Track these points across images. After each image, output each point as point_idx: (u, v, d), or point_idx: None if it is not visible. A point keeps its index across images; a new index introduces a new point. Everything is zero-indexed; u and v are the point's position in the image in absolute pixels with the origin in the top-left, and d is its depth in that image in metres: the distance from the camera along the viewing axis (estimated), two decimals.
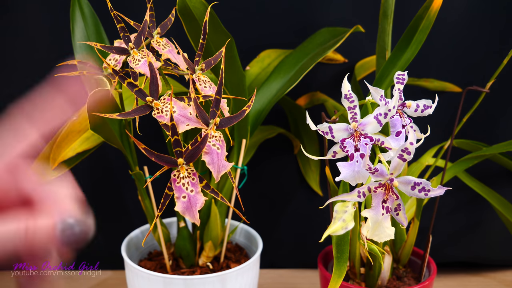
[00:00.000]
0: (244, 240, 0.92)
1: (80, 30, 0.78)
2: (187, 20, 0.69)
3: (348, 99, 0.59)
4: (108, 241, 1.05)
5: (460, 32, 0.93)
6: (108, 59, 0.69)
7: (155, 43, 0.68)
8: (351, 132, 0.60)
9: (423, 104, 0.63)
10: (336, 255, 0.64)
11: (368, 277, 0.78)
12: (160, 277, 0.75)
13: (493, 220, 1.00)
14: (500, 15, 0.92)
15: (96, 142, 0.76)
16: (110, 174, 1.02)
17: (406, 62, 0.73)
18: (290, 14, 0.94)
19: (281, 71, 0.85)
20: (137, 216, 1.01)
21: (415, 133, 0.58)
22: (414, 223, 0.80)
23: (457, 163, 0.86)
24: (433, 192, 0.56)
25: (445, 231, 1.03)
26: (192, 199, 0.59)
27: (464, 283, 1.02)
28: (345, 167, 0.59)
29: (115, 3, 0.73)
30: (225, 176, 0.84)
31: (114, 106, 0.67)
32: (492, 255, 1.04)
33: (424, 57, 0.91)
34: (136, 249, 0.88)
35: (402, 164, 0.55)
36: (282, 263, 1.08)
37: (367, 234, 0.58)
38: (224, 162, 0.60)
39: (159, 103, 0.61)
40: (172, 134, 0.58)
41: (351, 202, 0.57)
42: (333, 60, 0.96)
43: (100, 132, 0.66)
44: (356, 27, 0.86)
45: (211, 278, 0.75)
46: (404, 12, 0.89)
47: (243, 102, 0.77)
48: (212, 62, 0.67)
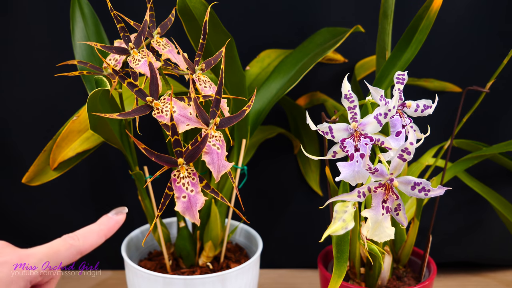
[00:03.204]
0: (244, 240, 0.92)
1: (80, 30, 0.78)
2: (187, 20, 0.69)
3: (348, 99, 0.59)
4: (108, 241, 1.04)
5: (460, 32, 0.93)
6: (108, 59, 0.69)
7: (155, 43, 0.68)
8: (351, 132, 0.60)
9: (423, 104, 0.63)
10: (336, 255, 0.64)
11: (368, 277, 0.78)
12: (160, 277, 0.75)
13: (493, 220, 1.00)
14: (500, 15, 0.92)
15: (96, 142, 0.76)
16: (110, 174, 1.02)
17: (406, 62, 0.73)
18: (290, 14, 0.94)
19: (281, 71, 0.85)
20: (137, 216, 1.01)
21: (415, 133, 0.58)
22: (414, 223, 0.80)
23: (457, 163, 0.86)
24: (433, 192, 0.56)
25: (445, 231, 1.03)
26: (192, 199, 0.59)
27: (464, 283, 1.02)
28: (345, 167, 0.59)
29: (115, 3, 0.73)
30: (225, 176, 0.84)
31: (114, 106, 0.67)
32: (492, 255, 1.04)
33: (424, 57, 0.91)
34: (136, 249, 0.88)
35: (402, 164, 0.55)
36: (282, 263, 1.08)
37: (367, 234, 0.58)
38: (224, 162, 0.60)
39: (159, 103, 0.61)
40: (172, 134, 0.58)
41: (351, 202, 0.57)
42: (333, 60, 0.96)
43: (100, 132, 0.66)
44: (356, 27, 0.86)
45: (211, 278, 0.75)
46: (404, 12, 0.89)
47: (243, 102, 0.77)
48: (212, 62, 0.67)
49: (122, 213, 0.57)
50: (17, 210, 1.01)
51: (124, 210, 0.58)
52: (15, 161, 0.98)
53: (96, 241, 0.55)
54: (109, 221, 0.56)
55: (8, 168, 0.98)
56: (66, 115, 0.80)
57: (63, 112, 0.90)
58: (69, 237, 0.53)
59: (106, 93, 0.62)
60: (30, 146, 0.94)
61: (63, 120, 0.78)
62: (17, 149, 0.97)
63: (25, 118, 0.97)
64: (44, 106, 0.96)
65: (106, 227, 0.56)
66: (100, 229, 0.55)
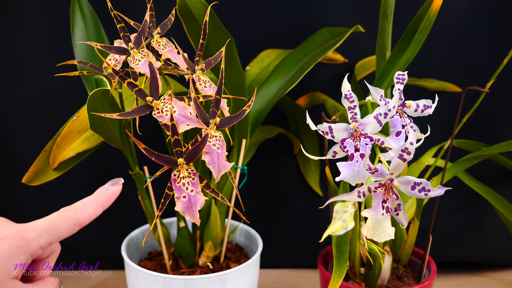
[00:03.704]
0: (244, 240, 0.92)
1: (80, 30, 0.78)
2: (187, 20, 0.69)
3: (348, 99, 0.59)
4: (108, 241, 1.05)
5: (460, 32, 0.93)
6: (108, 59, 0.69)
7: (155, 43, 0.68)
8: (351, 132, 0.60)
9: (423, 104, 0.63)
10: (336, 255, 0.64)
11: (368, 277, 0.78)
12: (160, 277, 0.75)
13: (493, 220, 1.00)
14: (500, 15, 0.92)
15: (96, 142, 0.76)
16: (110, 174, 1.02)
17: (406, 62, 0.73)
18: (290, 14, 0.94)
19: (281, 71, 0.85)
20: (137, 216, 1.01)
21: (415, 133, 0.58)
22: (414, 223, 0.80)
23: (457, 163, 0.86)
24: (433, 192, 0.56)
25: (445, 231, 1.03)
26: (192, 199, 0.59)
27: (464, 283, 1.02)
28: (345, 167, 0.59)
29: (115, 3, 0.73)
30: (225, 176, 0.84)
31: (114, 106, 0.67)
32: (492, 255, 1.04)
33: (424, 57, 0.91)
34: (136, 249, 0.88)
35: (402, 164, 0.55)
36: (282, 263, 1.08)
37: (367, 234, 0.58)
38: (224, 162, 0.60)
39: (159, 103, 0.61)
40: (172, 134, 0.58)
41: (351, 202, 0.57)
42: (333, 60, 0.96)
43: (100, 132, 0.66)
44: (356, 27, 0.86)
45: (211, 278, 0.75)
46: (404, 12, 0.89)
47: (243, 102, 0.77)
48: (212, 62, 0.67)
49: (118, 184, 0.57)
50: (16, 210, 1.01)
51: (120, 181, 0.57)
52: (15, 161, 0.98)
53: (94, 212, 0.55)
54: (106, 192, 0.56)
55: (8, 168, 0.98)
56: (66, 115, 0.80)
57: (63, 112, 0.90)
58: (66, 209, 0.53)
59: (106, 93, 0.62)
60: (30, 146, 0.94)
61: (63, 120, 0.78)
62: (17, 149, 0.97)
63: (25, 118, 0.97)
64: (44, 106, 0.96)
65: (103, 198, 0.56)
66: (97, 200, 0.55)
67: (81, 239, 0.98)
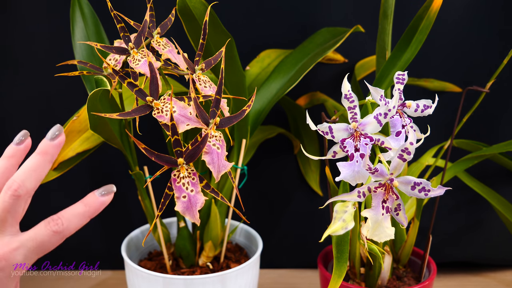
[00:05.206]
0: (244, 240, 0.92)
1: (80, 30, 0.78)
2: (187, 20, 0.69)
3: (348, 99, 0.59)
4: (108, 241, 1.05)
5: (460, 32, 0.93)
6: (108, 59, 0.69)
7: (155, 43, 0.68)
8: (351, 132, 0.60)
9: (423, 104, 0.63)
10: (336, 255, 0.64)
11: (368, 277, 0.78)
12: (160, 277, 0.75)
13: (493, 220, 1.00)
14: (500, 15, 0.92)
15: (96, 142, 0.76)
16: (110, 174, 1.02)
17: (406, 62, 0.73)
18: (290, 14, 0.94)
19: (281, 71, 0.85)
20: (137, 216, 1.01)
21: (415, 133, 0.58)
22: (414, 223, 0.80)
23: (457, 163, 0.86)
24: (433, 192, 0.56)
25: (445, 231, 1.03)
26: (192, 199, 0.59)
27: (464, 283, 1.02)
28: (345, 167, 0.59)
29: (115, 3, 0.73)
30: (225, 176, 0.84)
31: (114, 106, 0.67)
32: (492, 255, 1.04)
33: (424, 57, 0.91)
34: (136, 249, 0.88)
35: (402, 164, 0.55)
36: (282, 263, 1.08)
37: (367, 234, 0.58)
38: (224, 162, 0.60)
39: (159, 103, 0.61)
40: (172, 134, 0.58)
41: (351, 202, 0.57)
42: (333, 60, 0.96)
43: (100, 132, 0.66)
44: (356, 27, 0.86)
45: (211, 278, 0.75)
46: (404, 12, 0.89)
47: (243, 102, 0.77)
48: (212, 62, 0.67)
49: (109, 193, 0.56)
50: None
51: (113, 188, 0.57)
52: None
53: (80, 223, 0.55)
54: (95, 201, 0.56)
55: None
56: (66, 115, 0.80)
57: (63, 112, 0.90)
58: (53, 222, 0.53)
59: (106, 93, 0.62)
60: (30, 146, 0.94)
61: (63, 120, 0.78)
62: None
63: (25, 118, 0.97)
64: (44, 106, 0.96)
65: (92, 209, 0.55)
66: (85, 211, 0.55)
67: (81, 239, 0.98)
